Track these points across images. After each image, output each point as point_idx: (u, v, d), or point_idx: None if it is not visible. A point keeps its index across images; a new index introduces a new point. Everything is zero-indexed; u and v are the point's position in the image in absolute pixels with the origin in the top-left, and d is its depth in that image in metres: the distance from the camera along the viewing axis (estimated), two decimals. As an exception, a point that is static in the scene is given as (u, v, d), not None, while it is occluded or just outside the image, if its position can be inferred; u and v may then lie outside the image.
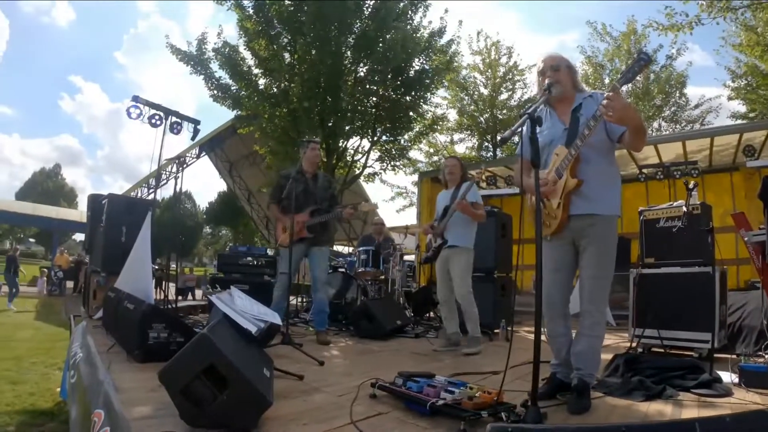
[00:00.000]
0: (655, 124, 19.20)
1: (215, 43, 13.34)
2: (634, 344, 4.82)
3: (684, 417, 2.75)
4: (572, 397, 2.85)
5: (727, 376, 3.66)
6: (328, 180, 5.71)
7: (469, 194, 4.99)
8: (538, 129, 2.62)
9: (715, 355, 4.27)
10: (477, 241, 5.26)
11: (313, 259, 5.39)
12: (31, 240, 66.65)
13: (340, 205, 5.51)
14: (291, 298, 5.42)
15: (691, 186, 4.93)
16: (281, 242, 5.43)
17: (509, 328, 6.02)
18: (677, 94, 19.59)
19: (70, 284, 19.69)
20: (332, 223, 5.50)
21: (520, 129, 2.62)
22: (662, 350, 4.72)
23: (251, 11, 13.11)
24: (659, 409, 2.93)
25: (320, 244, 5.41)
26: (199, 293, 16.68)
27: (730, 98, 18.13)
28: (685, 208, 4.88)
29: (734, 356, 4.35)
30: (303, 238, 5.33)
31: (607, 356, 4.11)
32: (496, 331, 6.14)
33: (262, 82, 13.72)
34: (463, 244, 5.13)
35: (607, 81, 19.03)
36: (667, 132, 18.57)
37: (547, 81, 2.93)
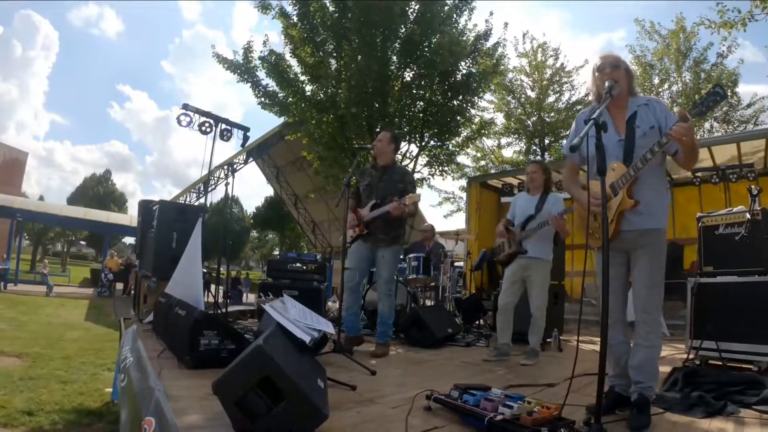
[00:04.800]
0: (707, 125, 18.55)
1: (261, 51, 13.50)
2: (691, 356, 4.66)
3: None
4: (632, 413, 2.75)
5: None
6: (401, 173, 5.25)
7: (554, 207, 4.94)
8: (591, 133, 2.53)
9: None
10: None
11: (376, 264, 5.10)
12: (82, 242, 68.80)
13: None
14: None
15: (755, 192, 4.74)
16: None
17: (561, 337, 5.92)
18: (729, 93, 18.75)
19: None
20: (397, 221, 5.01)
21: (586, 135, 2.53)
22: (720, 363, 4.53)
23: (296, 19, 13.24)
24: (721, 427, 2.83)
25: (384, 245, 5.01)
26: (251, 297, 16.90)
27: (783, 96, 17.44)
28: (748, 215, 4.67)
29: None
30: (362, 234, 5.05)
31: (664, 369, 3.97)
32: (548, 340, 5.96)
33: (309, 88, 13.80)
34: (545, 256, 5.05)
35: (656, 81, 18.60)
36: (720, 133, 17.95)
37: (607, 82, 2.80)
